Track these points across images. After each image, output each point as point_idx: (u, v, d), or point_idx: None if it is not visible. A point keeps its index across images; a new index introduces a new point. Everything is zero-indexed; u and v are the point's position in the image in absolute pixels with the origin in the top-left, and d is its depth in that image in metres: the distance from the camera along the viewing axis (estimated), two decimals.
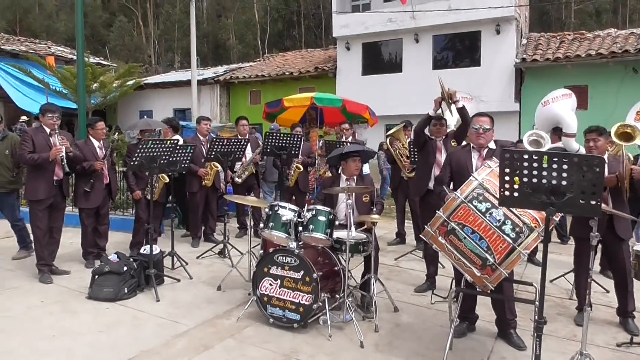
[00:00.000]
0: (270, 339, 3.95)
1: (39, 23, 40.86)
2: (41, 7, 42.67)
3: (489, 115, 4.12)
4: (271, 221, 4.36)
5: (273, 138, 6.38)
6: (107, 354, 3.62)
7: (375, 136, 12.80)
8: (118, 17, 40.81)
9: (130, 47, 39.44)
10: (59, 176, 5.31)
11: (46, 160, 5.12)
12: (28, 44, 22.58)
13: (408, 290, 5.18)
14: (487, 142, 4.05)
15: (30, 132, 5.34)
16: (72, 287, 5.08)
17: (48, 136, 5.25)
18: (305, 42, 35.00)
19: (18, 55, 19.28)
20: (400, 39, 15.20)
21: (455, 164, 4.10)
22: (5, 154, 5.86)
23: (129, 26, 40.86)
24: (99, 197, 5.78)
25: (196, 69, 16.75)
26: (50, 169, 5.23)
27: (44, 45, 24.00)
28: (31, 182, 5.27)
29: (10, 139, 5.97)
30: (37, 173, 5.22)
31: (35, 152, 5.12)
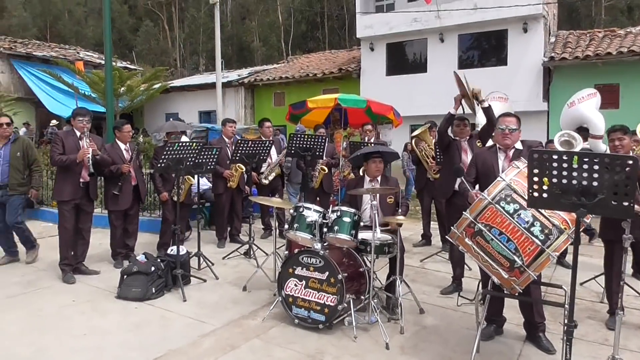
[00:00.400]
0: (296, 339, 3.96)
1: (68, 29, 41.86)
2: (70, 13, 43.69)
3: (516, 115, 4.05)
4: (296, 222, 4.38)
5: (297, 139, 6.40)
6: (136, 353, 3.68)
7: (400, 137, 12.73)
8: (144, 22, 41.53)
9: (156, 51, 40.09)
10: (85, 178, 5.43)
11: (74, 162, 5.26)
12: (58, 50, 23.18)
13: (434, 292, 5.13)
14: (514, 143, 3.97)
15: (61, 135, 5.50)
16: (102, 286, 5.19)
17: (78, 139, 5.38)
18: (329, 43, 35.02)
19: (49, 61, 19.80)
20: (425, 39, 15.08)
21: (481, 165, 4.04)
22: (16, 156, 5.78)
23: (154, 30, 41.54)
24: (128, 199, 5.89)
25: (221, 71, 16.92)
26: (77, 171, 5.35)
27: (73, 50, 24.61)
28: (59, 183, 5.41)
29: (21, 142, 5.90)
30: (64, 174, 5.36)
31: (64, 154, 5.25)
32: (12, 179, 5.72)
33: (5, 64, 19.90)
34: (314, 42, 37.25)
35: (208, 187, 7.69)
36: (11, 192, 5.72)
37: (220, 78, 16.63)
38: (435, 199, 6.84)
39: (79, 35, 40.57)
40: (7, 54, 19.81)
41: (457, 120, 5.19)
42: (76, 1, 44.24)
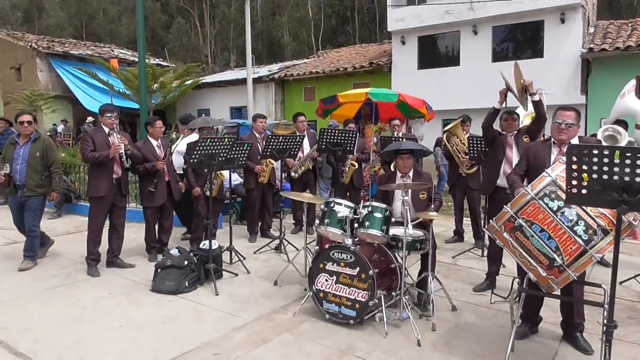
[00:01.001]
0: (327, 334, 3.96)
1: (102, 28, 42.89)
2: (105, 12, 44.72)
3: (575, 109, 3.84)
4: (327, 217, 4.37)
5: (328, 135, 6.39)
6: (170, 345, 3.75)
7: (432, 131, 12.54)
8: (176, 19, 42.17)
9: (187, 48, 40.67)
10: (117, 174, 5.53)
11: (107, 158, 5.36)
12: (93, 48, 23.77)
13: (466, 289, 5.05)
14: (570, 139, 3.76)
15: (90, 132, 5.58)
16: (137, 279, 5.30)
17: (107, 135, 5.48)
18: (360, 37, 34.85)
19: (85, 59, 20.34)
20: (458, 32, 14.84)
21: (533, 158, 3.90)
22: (35, 156, 5.55)
23: (186, 27, 42.13)
24: (163, 195, 6.00)
25: (251, 67, 17.04)
26: (109, 167, 5.45)
27: (108, 48, 25.20)
28: (93, 180, 5.51)
29: (41, 142, 5.67)
30: (98, 171, 5.46)
31: (96, 151, 5.35)
32: (30, 179, 5.52)
33: (44, 63, 20.55)
34: (344, 37, 37.11)
35: (239, 182, 7.76)
36: (28, 192, 5.53)
37: (251, 74, 16.75)
38: (467, 194, 6.74)
39: (113, 34, 41.53)
40: (45, 53, 20.45)
41: (505, 114, 5.07)
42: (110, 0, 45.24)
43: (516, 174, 3.90)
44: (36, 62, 20.46)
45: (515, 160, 4.69)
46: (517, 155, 4.81)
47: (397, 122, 7.75)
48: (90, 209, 5.58)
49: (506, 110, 5.04)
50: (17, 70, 21.82)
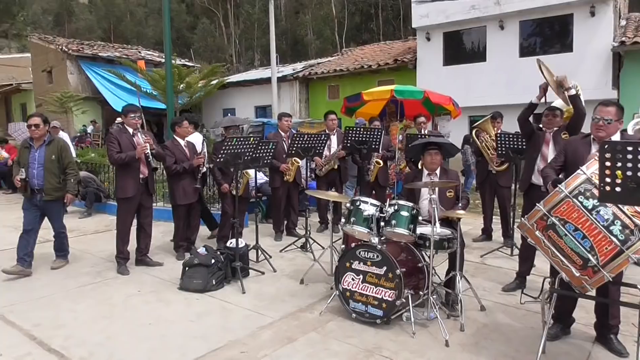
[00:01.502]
0: (353, 333, 3.95)
1: (130, 30, 43.66)
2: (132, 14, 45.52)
3: (617, 104, 3.71)
4: (353, 216, 4.35)
5: (353, 133, 6.36)
6: (198, 343, 3.78)
7: (459, 128, 12.41)
8: (201, 20, 42.67)
9: (212, 48, 41.09)
10: (144, 174, 5.58)
11: (133, 159, 5.41)
12: (121, 50, 24.20)
13: (495, 289, 4.97)
14: (609, 135, 3.62)
15: (115, 133, 5.59)
16: (165, 277, 5.37)
17: (131, 136, 5.52)
18: (384, 34, 34.64)
19: (113, 61, 20.72)
20: (484, 27, 14.59)
21: (572, 154, 3.79)
22: (51, 159, 5.41)
23: (211, 28, 42.57)
24: (194, 192, 6.06)
25: (276, 66, 17.09)
26: (136, 168, 5.50)
27: (135, 50, 25.63)
28: (121, 181, 5.56)
29: (56, 144, 5.52)
30: (125, 172, 5.51)
31: (122, 152, 5.40)
32: (47, 183, 5.39)
33: (74, 66, 21.01)
34: (368, 34, 36.95)
35: (265, 180, 7.80)
36: (47, 197, 5.41)
37: (275, 73, 16.80)
38: (497, 192, 6.62)
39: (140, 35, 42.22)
40: (75, 56, 20.90)
41: (547, 110, 4.96)
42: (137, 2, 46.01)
43: (551, 168, 3.81)
44: (66, 64, 20.92)
45: (550, 158, 4.59)
46: (554, 152, 4.70)
47: (422, 119, 7.67)
48: (118, 210, 5.66)
49: (549, 106, 4.93)
50: (49, 73, 22.35)
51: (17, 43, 43.70)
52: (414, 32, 16.88)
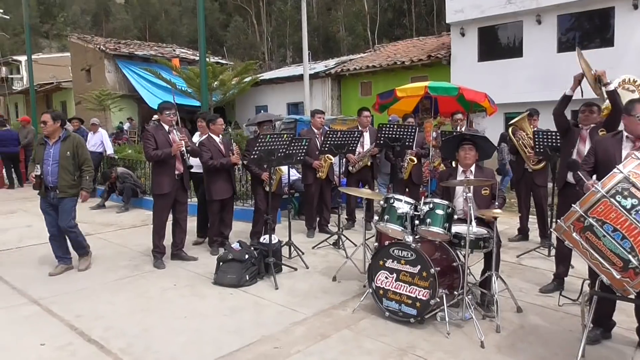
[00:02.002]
0: (386, 332, 3.92)
1: (165, 28, 44.49)
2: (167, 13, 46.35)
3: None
4: (386, 214, 4.32)
5: (386, 130, 6.31)
6: (232, 337, 3.83)
7: (495, 125, 12.18)
8: (234, 18, 43.12)
9: (245, 45, 41.47)
10: (179, 170, 5.67)
11: (169, 156, 5.50)
12: (156, 49, 24.68)
13: (532, 290, 4.86)
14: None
15: (151, 130, 5.68)
16: (200, 272, 5.45)
17: (167, 133, 5.60)
18: (417, 30, 34.28)
19: (149, 59, 21.14)
20: (520, 21, 14.25)
21: (602, 154, 3.68)
22: (66, 155, 5.28)
23: (243, 25, 42.98)
24: (229, 188, 6.14)
25: (308, 63, 17.11)
26: (171, 164, 5.59)
27: (170, 48, 26.08)
28: (157, 177, 5.67)
29: (71, 140, 5.38)
30: (161, 169, 5.61)
31: (158, 149, 5.49)
32: (62, 180, 5.25)
33: (111, 64, 21.54)
34: (400, 30, 36.62)
35: (297, 177, 7.82)
36: (61, 194, 5.26)
37: (308, 69, 16.81)
38: (533, 191, 6.47)
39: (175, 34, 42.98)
40: (112, 55, 21.43)
41: (583, 106, 4.83)
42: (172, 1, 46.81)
43: (584, 171, 3.70)
44: (104, 63, 21.46)
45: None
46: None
47: (459, 116, 7.52)
48: (154, 205, 5.77)
49: (585, 102, 4.79)
50: (87, 72, 22.97)
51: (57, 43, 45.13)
52: (448, 27, 16.63)
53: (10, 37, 37.02)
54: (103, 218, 8.45)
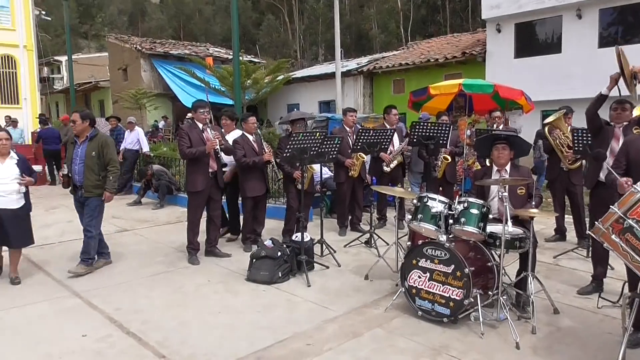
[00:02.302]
0: (419, 331, 3.90)
1: (198, 27, 45.15)
2: (200, 12, 47.00)
3: None
4: (420, 213, 4.29)
5: (420, 127, 6.25)
6: (265, 333, 3.88)
7: (531, 124, 11.89)
8: (266, 16, 43.38)
9: (277, 44, 41.71)
10: (213, 168, 5.76)
11: (203, 154, 5.58)
12: (190, 47, 25.05)
13: (570, 292, 4.74)
14: None
15: (185, 129, 5.78)
16: (233, 268, 5.53)
17: (201, 131, 5.68)
18: (451, 26, 33.79)
19: (183, 58, 21.48)
20: (560, 16, 13.88)
21: (634, 154, 3.59)
22: (91, 155, 5.26)
23: (276, 23, 43.21)
24: (261, 186, 6.22)
25: (340, 61, 17.08)
26: (205, 162, 5.67)
27: (204, 47, 26.43)
28: (191, 175, 5.77)
29: (98, 140, 5.33)
30: (195, 167, 5.70)
31: (192, 147, 5.58)
32: (87, 180, 5.27)
33: (147, 63, 21.98)
34: (434, 27, 36.18)
35: (329, 175, 7.84)
36: (86, 194, 5.28)
37: (340, 67, 16.78)
38: (569, 190, 6.30)
39: (208, 33, 43.56)
40: (148, 54, 21.86)
41: (615, 103, 4.70)
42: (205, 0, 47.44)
43: (615, 172, 3.59)
44: (140, 62, 21.91)
45: None
46: None
47: (498, 114, 7.35)
48: (188, 203, 5.87)
49: (617, 99, 4.65)
50: (124, 71, 23.52)
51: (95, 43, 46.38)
52: (484, 23, 16.36)
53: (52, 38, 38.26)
54: (139, 214, 8.65)
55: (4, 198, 4.93)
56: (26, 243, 5.22)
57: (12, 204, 4.99)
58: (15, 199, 5.01)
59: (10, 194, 4.96)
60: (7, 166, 5.01)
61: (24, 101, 17.95)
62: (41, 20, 21.67)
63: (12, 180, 4.96)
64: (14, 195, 4.99)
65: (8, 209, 4.96)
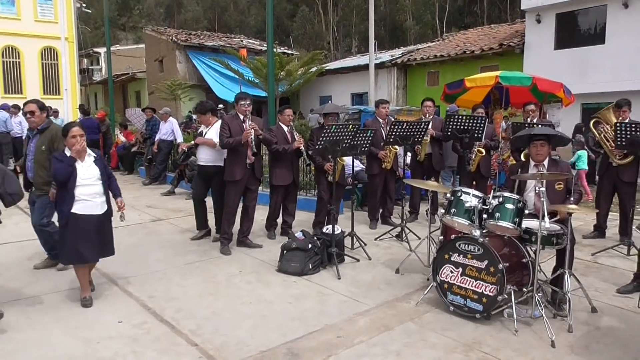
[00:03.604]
0: (451, 327, 3.86)
1: (233, 19, 45.47)
2: (235, 4, 47.30)
3: None
4: (453, 207, 4.23)
5: (455, 121, 6.14)
6: (296, 324, 3.90)
7: (571, 117, 11.57)
8: (300, 7, 43.32)
9: (311, 35, 41.65)
10: (251, 159, 5.82)
11: (239, 143, 5.64)
12: (225, 39, 25.28)
13: (609, 290, 4.60)
14: None
15: (227, 120, 5.89)
16: (264, 259, 5.58)
17: (242, 122, 5.75)
18: (488, 17, 33.06)
19: (217, 50, 21.69)
20: (604, 6, 13.37)
21: None
22: (41, 149, 4.78)
23: (310, 15, 43.11)
24: (290, 175, 6.24)
25: (374, 52, 16.92)
26: (243, 152, 5.73)
27: (238, 39, 26.64)
28: (230, 165, 5.83)
29: (49, 133, 4.84)
30: (234, 157, 5.77)
31: (231, 137, 5.65)
32: (37, 176, 4.86)
33: (182, 55, 22.30)
34: (471, 18, 35.46)
35: (361, 168, 7.79)
36: (37, 191, 4.91)
37: (373, 59, 16.64)
38: (617, 186, 6.08)
39: (243, 24, 43.84)
40: (183, 46, 22.16)
41: None
42: None
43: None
44: (176, 54, 22.24)
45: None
46: None
47: (532, 107, 7.17)
48: (226, 192, 5.92)
49: None
50: (160, 63, 23.92)
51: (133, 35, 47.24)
52: (522, 14, 15.95)
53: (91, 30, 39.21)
54: (173, 204, 8.80)
55: (89, 202, 4.17)
56: (109, 253, 4.45)
57: (97, 209, 4.23)
58: (100, 202, 4.26)
59: (94, 197, 4.20)
60: (88, 165, 4.23)
61: (64, 92, 18.49)
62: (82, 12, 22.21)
63: (94, 181, 4.21)
64: (97, 198, 4.23)
65: (93, 215, 4.20)
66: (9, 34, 18.71)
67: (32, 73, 19.41)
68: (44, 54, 19.30)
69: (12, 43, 18.99)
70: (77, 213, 4.12)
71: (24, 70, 19.33)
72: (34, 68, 19.46)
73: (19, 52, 19.20)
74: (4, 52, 18.97)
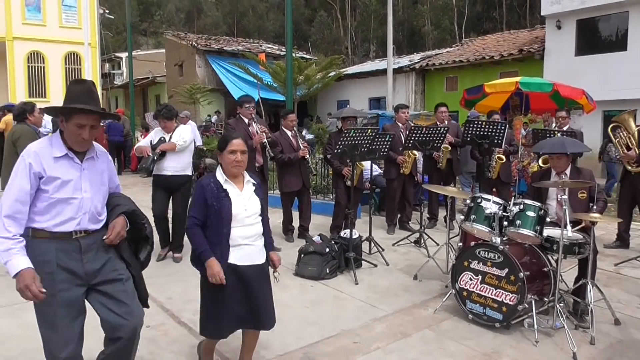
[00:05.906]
0: (470, 335, 3.81)
1: (252, 24, 45.78)
2: (254, 9, 47.63)
3: None
4: (473, 213, 4.18)
5: (473, 126, 6.09)
6: (313, 329, 3.89)
7: (592, 124, 11.40)
8: (319, 12, 43.46)
9: (329, 40, 41.71)
10: (259, 162, 5.83)
11: (250, 148, 5.65)
12: (244, 44, 25.47)
13: (633, 302, 4.51)
14: None
15: (232, 124, 5.95)
16: (282, 263, 5.54)
17: (247, 125, 5.79)
18: (507, 23, 32.76)
19: (236, 55, 21.85)
20: (626, 12, 13.18)
21: None
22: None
23: (328, 20, 43.21)
24: (299, 181, 6.26)
25: (392, 57, 16.88)
26: (252, 156, 5.73)
27: (256, 43, 26.82)
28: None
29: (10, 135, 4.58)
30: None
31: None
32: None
33: (201, 59, 22.51)
34: (490, 23, 35.18)
35: (379, 172, 7.76)
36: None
37: (391, 64, 16.60)
38: (637, 195, 5.95)
39: (261, 29, 44.10)
40: (203, 51, 22.37)
41: None
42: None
43: None
44: (195, 58, 22.45)
45: None
46: None
47: (563, 114, 6.98)
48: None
49: None
50: (180, 67, 24.17)
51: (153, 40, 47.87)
52: (543, 20, 15.78)
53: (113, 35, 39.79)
54: None
55: (251, 248, 3.04)
56: (273, 322, 3.24)
57: (260, 258, 3.12)
58: (261, 247, 3.14)
59: (256, 240, 3.07)
60: (248, 194, 3.08)
61: None
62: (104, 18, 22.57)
63: (256, 218, 3.07)
64: (259, 241, 3.11)
65: (255, 265, 3.08)
66: (35, 39, 19.08)
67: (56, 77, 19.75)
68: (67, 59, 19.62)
69: (38, 48, 19.36)
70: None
71: (48, 74, 19.68)
72: (57, 73, 19.80)
73: (44, 57, 19.56)
74: (29, 57, 19.35)
